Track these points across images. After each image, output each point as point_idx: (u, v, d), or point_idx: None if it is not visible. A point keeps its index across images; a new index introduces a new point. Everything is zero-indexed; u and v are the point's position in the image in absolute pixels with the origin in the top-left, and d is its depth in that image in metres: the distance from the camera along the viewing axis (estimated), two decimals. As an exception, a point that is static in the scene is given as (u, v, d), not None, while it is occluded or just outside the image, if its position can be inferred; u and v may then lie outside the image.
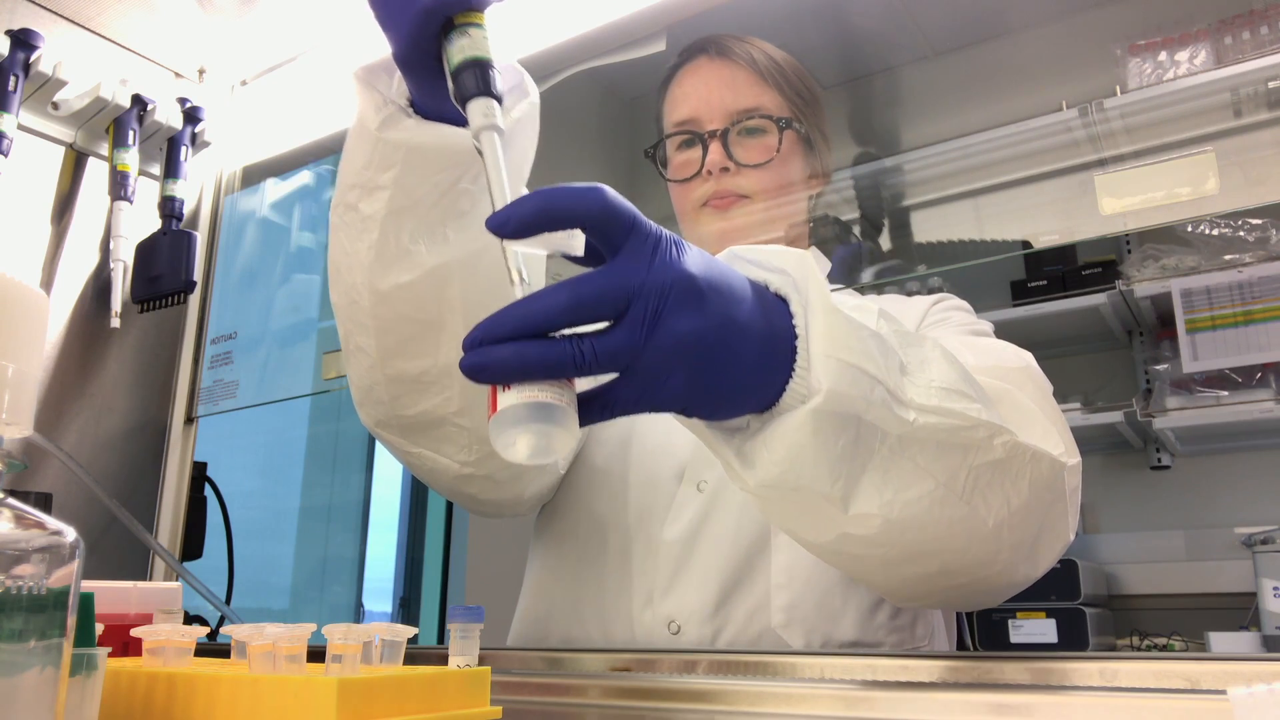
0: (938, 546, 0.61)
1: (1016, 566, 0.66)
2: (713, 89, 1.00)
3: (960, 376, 0.60)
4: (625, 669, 0.74)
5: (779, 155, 0.98)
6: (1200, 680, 0.53)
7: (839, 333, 0.53)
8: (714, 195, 0.98)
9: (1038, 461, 0.63)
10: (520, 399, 0.47)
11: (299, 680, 0.50)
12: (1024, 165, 1.23)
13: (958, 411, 0.57)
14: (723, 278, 0.51)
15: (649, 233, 0.49)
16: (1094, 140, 1.25)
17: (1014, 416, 0.65)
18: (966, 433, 0.58)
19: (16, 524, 0.39)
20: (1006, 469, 0.61)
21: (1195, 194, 0.79)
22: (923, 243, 1.51)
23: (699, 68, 1.03)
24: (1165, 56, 1.58)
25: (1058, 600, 2.19)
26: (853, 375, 0.52)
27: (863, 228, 1.65)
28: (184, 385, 1.40)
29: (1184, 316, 2.22)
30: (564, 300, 0.47)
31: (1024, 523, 0.63)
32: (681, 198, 1.02)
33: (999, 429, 0.60)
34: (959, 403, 0.58)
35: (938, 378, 0.58)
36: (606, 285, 0.48)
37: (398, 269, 0.70)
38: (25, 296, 0.43)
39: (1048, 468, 0.63)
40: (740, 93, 0.99)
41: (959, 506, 0.59)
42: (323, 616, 2.71)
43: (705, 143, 0.98)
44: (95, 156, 1.33)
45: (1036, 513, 0.64)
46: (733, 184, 0.98)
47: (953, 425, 0.57)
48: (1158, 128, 1.19)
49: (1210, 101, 1.19)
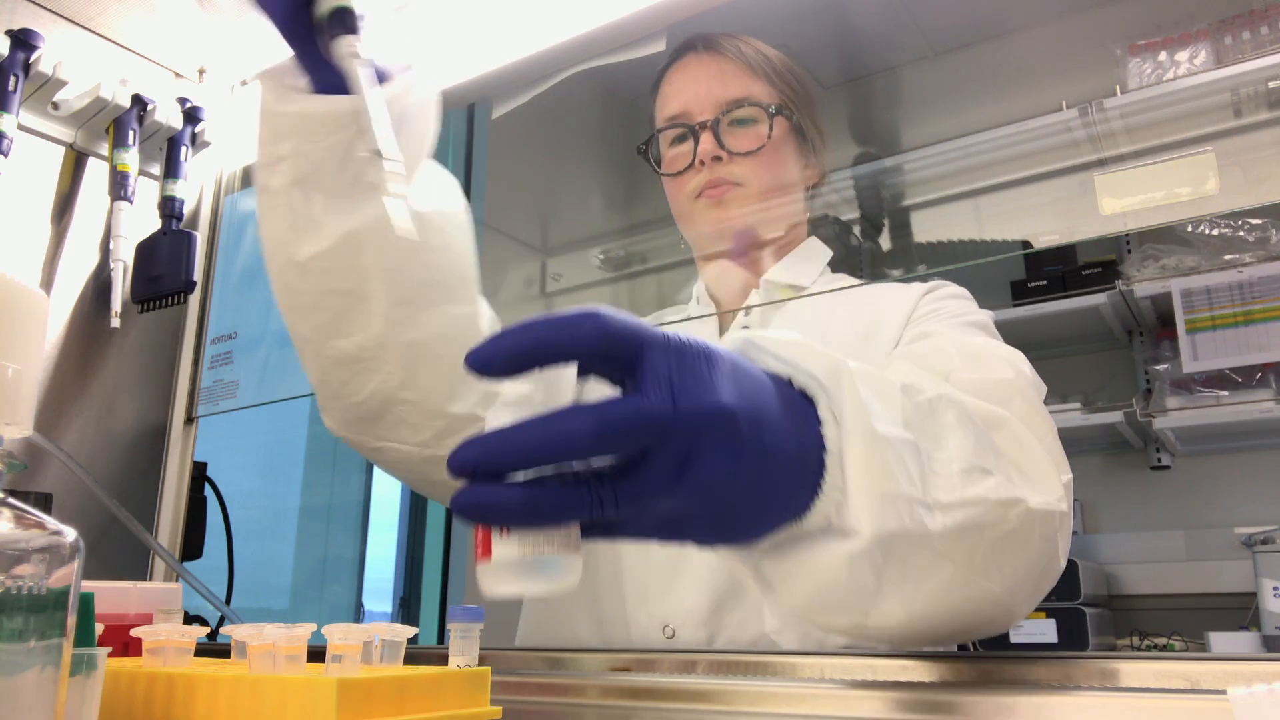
0: (957, 626, 0.59)
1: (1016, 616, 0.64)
2: (701, 82, 1.01)
3: (976, 441, 0.57)
4: (624, 669, 0.74)
5: (770, 142, 0.98)
6: (1200, 680, 0.53)
7: (878, 462, 0.48)
8: (708, 185, 0.98)
9: (1047, 521, 0.61)
10: (522, 552, 0.40)
11: (299, 680, 0.50)
12: (1024, 165, 1.23)
13: (979, 498, 0.55)
14: (753, 399, 0.44)
15: (666, 349, 0.42)
16: (1094, 140, 1.25)
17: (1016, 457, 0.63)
18: (987, 515, 0.55)
19: (16, 524, 0.39)
20: (1021, 537, 0.58)
21: (1195, 194, 0.79)
22: (923, 243, 1.51)
23: (687, 64, 1.04)
24: (1165, 56, 1.58)
25: (1058, 600, 2.19)
26: (893, 507, 0.49)
27: (863, 228, 1.64)
28: (184, 385, 1.40)
29: (1184, 316, 2.21)
30: (588, 431, 0.39)
31: (1027, 578, 0.62)
32: (676, 192, 1.02)
33: (1013, 501, 0.57)
34: (979, 486, 0.55)
35: (956, 455, 0.55)
36: (634, 419, 0.40)
37: (310, 238, 0.74)
38: (25, 296, 0.43)
39: (1051, 523, 0.62)
40: (729, 83, 1.00)
41: (977, 584, 0.56)
42: (323, 616, 2.70)
43: (696, 134, 0.99)
44: (95, 156, 1.33)
45: (1040, 566, 0.63)
46: (726, 172, 0.98)
47: (972, 514, 0.54)
48: (1158, 128, 1.19)
49: (1210, 101, 1.19)
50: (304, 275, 0.76)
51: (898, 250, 1.58)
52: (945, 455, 0.55)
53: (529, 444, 0.40)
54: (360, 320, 0.77)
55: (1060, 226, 1.20)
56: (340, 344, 0.78)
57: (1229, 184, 0.79)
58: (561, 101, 1.20)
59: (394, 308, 0.77)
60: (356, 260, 0.75)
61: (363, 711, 0.49)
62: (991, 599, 0.58)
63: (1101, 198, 0.82)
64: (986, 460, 0.57)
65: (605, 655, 0.77)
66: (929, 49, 1.82)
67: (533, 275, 1.89)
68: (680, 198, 1.01)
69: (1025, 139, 1.26)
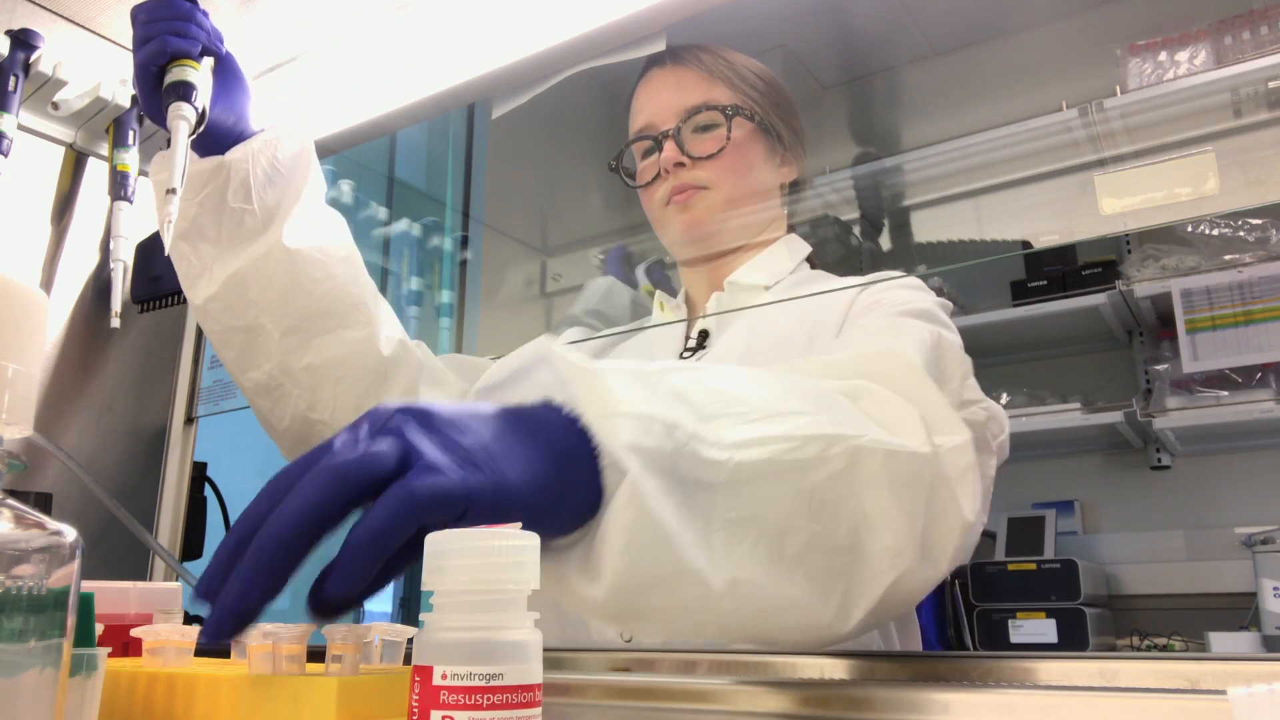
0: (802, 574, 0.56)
1: (912, 571, 0.61)
2: (663, 93, 1.03)
3: (784, 394, 0.57)
4: (625, 669, 0.74)
5: (730, 143, 0.99)
6: (1200, 680, 0.53)
7: (601, 391, 0.49)
8: (674, 191, 1.00)
9: (892, 460, 0.59)
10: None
11: (299, 680, 0.50)
12: (1024, 165, 1.23)
13: (779, 435, 0.54)
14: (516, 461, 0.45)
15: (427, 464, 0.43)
16: (1094, 140, 1.25)
17: (875, 412, 0.62)
18: (796, 452, 0.54)
19: (16, 524, 0.39)
20: (854, 476, 0.57)
21: (1195, 194, 0.79)
22: (923, 243, 1.51)
23: (651, 78, 1.06)
24: (1165, 56, 1.58)
25: (1058, 600, 2.19)
26: (643, 425, 0.48)
27: (863, 228, 1.65)
28: (184, 385, 1.40)
29: (1184, 316, 2.21)
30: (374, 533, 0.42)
31: (890, 525, 0.59)
32: (648, 202, 1.05)
33: (834, 438, 0.56)
34: (781, 425, 0.55)
35: (757, 405, 0.55)
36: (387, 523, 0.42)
37: (203, 284, 0.86)
38: (25, 296, 0.43)
39: (905, 464, 0.59)
40: (688, 91, 1.02)
41: (805, 531, 0.55)
42: (323, 616, 2.70)
43: (660, 144, 1.01)
44: (95, 156, 1.33)
45: (907, 512, 0.60)
46: (690, 177, 1.00)
47: (777, 450, 0.53)
48: (1158, 128, 1.19)
49: (1210, 101, 1.19)
50: (206, 317, 0.87)
51: (898, 250, 1.58)
52: (739, 408, 0.54)
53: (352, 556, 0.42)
54: (262, 351, 0.87)
55: (1060, 226, 1.20)
56: (253, 375, 0.89)
57: (1229, 184, 0.79)
58: (561, 101, 1.20)
59: (285, 336, 0.87)
60: (245, 297, 0.85)
61: (363, 711, 0.49)
62: (840, 544, 0.57)
63: (1101, 198, 0.82)
64: (799, 405, 0.56)
65: (605, 655, 0.77)
66: (929, 49, 1.82)
67: (533, 275, 1.89)
68: (652, 207, 1.04)
69: (1025, 139, 1.26)
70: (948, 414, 0.66)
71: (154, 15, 0.82)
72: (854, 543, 0.58)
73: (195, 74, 0.81)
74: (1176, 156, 0.82)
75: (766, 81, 1.06)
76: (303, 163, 0.88)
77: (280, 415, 0.89)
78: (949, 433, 0.65)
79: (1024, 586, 2.24)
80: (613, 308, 1.27)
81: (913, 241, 1.53)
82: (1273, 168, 0.84)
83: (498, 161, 1.90)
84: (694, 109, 1.01)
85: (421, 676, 0.38)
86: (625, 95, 1.10)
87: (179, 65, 0.81)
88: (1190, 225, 2.19)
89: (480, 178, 1.90)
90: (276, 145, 0.86)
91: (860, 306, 0.91)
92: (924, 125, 1.71)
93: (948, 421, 0.66)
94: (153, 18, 0.82)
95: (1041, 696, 0.53)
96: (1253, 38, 1.50)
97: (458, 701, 0.37)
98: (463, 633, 0.39)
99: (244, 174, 0.84)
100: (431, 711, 0.37)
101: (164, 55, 0.80)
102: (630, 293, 1.30)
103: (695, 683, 0.63)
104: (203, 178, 0.85)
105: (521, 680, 0.38)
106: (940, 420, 0.65)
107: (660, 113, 1.02)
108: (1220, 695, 0.50)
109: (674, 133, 1.00)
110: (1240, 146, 1.01)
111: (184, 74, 0.81)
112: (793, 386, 0.60)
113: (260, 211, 0.85)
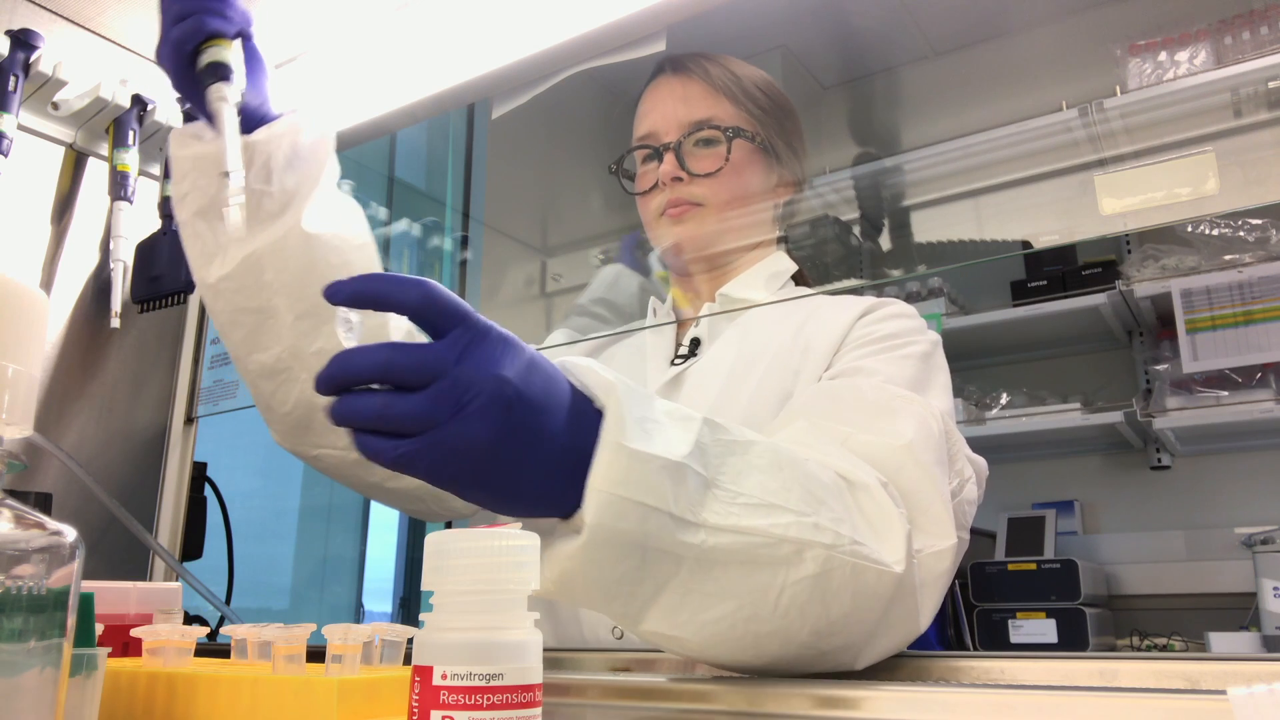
0: (750, 656, 0.62)
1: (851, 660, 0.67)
2: (668, 103, 1.04)
3: (783, 485, 0.61)
4: (625, 669, 0.74)
5: (729, 164, 1.00)
6: (1200, 680, 0.53)
7: (617, 469, 0.53)
8: (669, 204, 1.01)
9: (860, 574, 0.62)
10: None
11: (299, 680, 0.50)
12: (1024, 165, 1.23)
13: (758, 529, 0.58)
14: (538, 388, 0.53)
15: (476, 328, 0.53)
16: (1094, 140, 1.25)
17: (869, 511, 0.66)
18: (769, 550, 0.58)
19: (16, 524, 0.39)
20: (825, 582, 0.60)
21: (1195, 194, 0.79)
22: (923, 243, 1.51)
23: (658, 85, 1.07)
24: (1165, 56, 1.58)
25: (1058, 600, 2.19)
26: (621, 508, 0.53)
27: (863, 228, 1.64)
28: (184, 385, 1.40)
29: (1184, 316, 2.22)
30: (380, 358, 0.51)
31: (846, 629, 0.63)
32: (644, 209, 1.06)
33: (807, 543, 0.59)
34: (763, 518, 0.58)
35: (752, 490, 0.59)
36: (416, 359, 0.51)
37: (217, 262, 0.83)
38: (25, 296, 0.43)
39: (874, 579, 0.63)
40: (693, 105, 1.02)
41: (770, 622, 0.60)
42: (323, 616, 2.70)
43: (660, 155, 1.02)
44: (95, 156, 1.33)
45: (865, 620, 0.64)
46: (686, 193, 1.01)
47: (750, 543, 0.57)
48: (1158, 128, 1.19)
49: (1210, 101, 1.19)
50: (217, 296, 0.85)
51: (898, 250, 1.58)
52: (737, 489, 0.59)
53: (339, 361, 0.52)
54: (272, 334, 0.86)
55: (1060, 226, 1.20)
56: (259, 357, 0.86)
57: (1229, 184, 0.79)
58: (561, 101, 1.20)
59: (298, 320, 0.86)
60: (260, 279, 0.84)
61: (363, 711, 0.49)
62: (798, 641, 0.62)
63: (1101, 198, 0.82)
64: (790, 500, 0.60)
65: (605, 655, 0.77)
66: (929, 49, 1.82)
67: (533, 275, 1.89)
68: (647, 214, 1.05)
69: (1025, 139, 1.26)
70: (943, 516, 0.71)
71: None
72: (813, 642, 0.62)
73: (231, 54, 0.79)
74: (1176, 156, 0.82)
75: (771, 98, 1.07)
76: (322, 149, 0.88)
77: (284, 399, 0.88)
78: (937, 537, 0.70)
79: (1024, 586, 2.24)
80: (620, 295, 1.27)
81: (913, 241, 1.52)
82: (1273, 168, 0.84)
83: (498, 161, 1.90)
84: (696, 124, 1.01)
85: (421, 676, 0.38)
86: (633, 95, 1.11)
87: (215, 45, 0.79)
88: (1190, 225, 2.19)
89: (480, 178, 1.90)
90: (299, 129, 0.85)
91: (859, 336, 0.91)
92: (924, 125, 1.71)
93: (940, 524, 0.70)
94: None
95: (1041, 696, 0.53)
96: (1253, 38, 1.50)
97: (458, 701, 0.37)
98: (463, 633, 0.39)
99: (266, 156, 0.82)
100: (431, 711, 0.37)
101: (200, 34, 0.78)
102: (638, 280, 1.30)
103: (695, 682, 0.63)
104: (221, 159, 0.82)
105: (521, 680, 0.38)
106: (933, 523, 0.70)
107: (663, 123, 1.03)
108: (1220, 695, 0.50)
109: (675, 146, 1.01)
110: (1240, 146, 1.01)
111: (221, 54, 0.79)
112: (799, 477, 0.62)
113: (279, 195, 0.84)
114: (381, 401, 0.51)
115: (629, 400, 0.55)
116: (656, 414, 0.57)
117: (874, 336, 0.90)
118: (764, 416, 0.85)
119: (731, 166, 1.00)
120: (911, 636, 0.69)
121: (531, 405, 0.52)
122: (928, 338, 0.90)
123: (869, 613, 0.64)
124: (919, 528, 0.70)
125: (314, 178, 0.87)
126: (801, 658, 0.64)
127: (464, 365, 0.51)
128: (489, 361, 0.52)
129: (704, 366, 0.98)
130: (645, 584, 0.56)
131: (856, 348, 0.89)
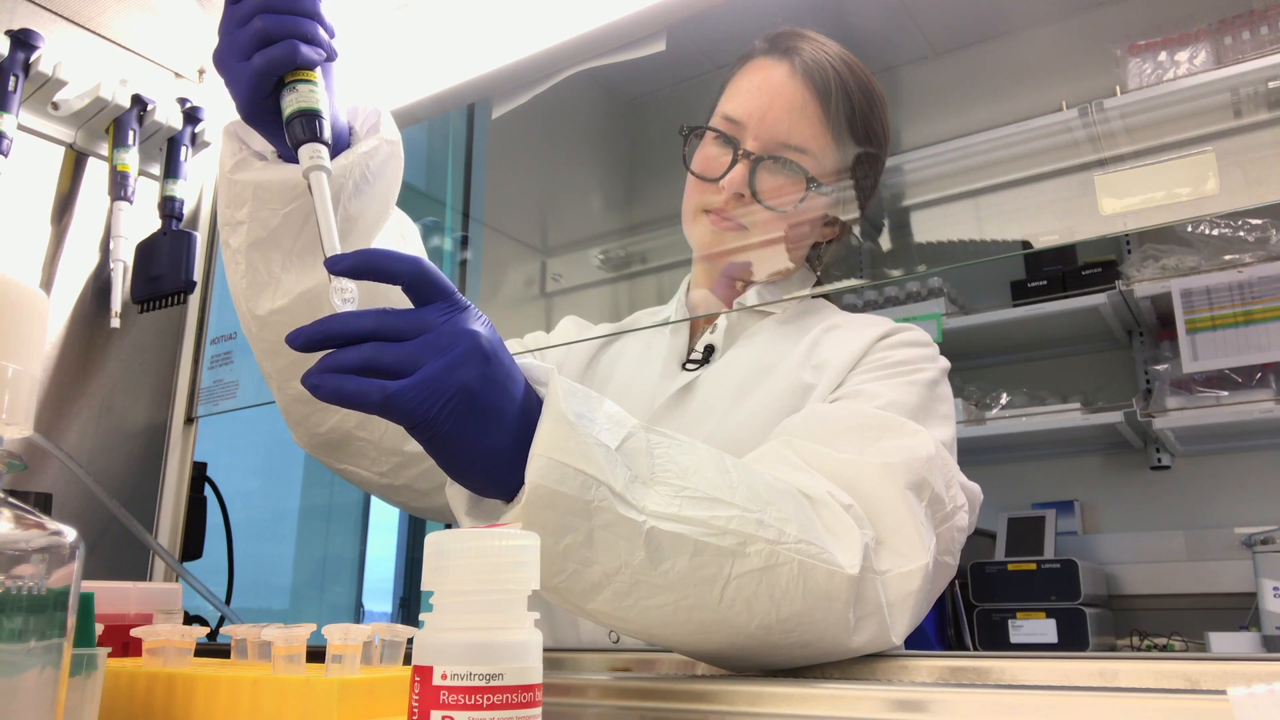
0: (697, 641, 0.64)
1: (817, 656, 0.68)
2: (773, 105, 0.95)
3: (728, 484, 0.62)
4: (625, 669, 0.74)
5: (794, 210, 0.95)
6: (1200, 680, 0.53)
7: (559, 436, 0.56)
8: (718, 211, 0.96)
9: (809, 572, 0.63)
10: None
11: (299, 680, 0.50)
12: (1024, 165, 1.23)
13: (700, 519, 0.60)
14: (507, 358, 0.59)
15: (460, 303, 0.59)
16: (1094, 140, 1.25)
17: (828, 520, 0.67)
18: (713, 540, 0.60)
19: (16, 524, 0.39)
20: (772, 577, 0.62)
21: (1195, 194, 0.79)
22: (923, 243, 1.51)
23: (773, 75, 0.97)
24: (1165, 56, 1.58)
25: (1058, 600, 2.19)
26: (562, 472, 0.56)
27: (863, 228, 1.64)
28: (184, 385, 1.40)
29: (1184, 316, 2.22)
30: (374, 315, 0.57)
31: (800, 627, 0.64)
32: (691, 192, 1.00)
33: (750, 537, 0.61)
34: (705, 510, 0.60)
35: (697, 484, 0.61)
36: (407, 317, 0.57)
37: (269, 295, 0.77)
38: (25, 296, 0.43)
39: (824, 578, 0.64)
40: (795, 126, 0.95)
41: (715, 612, 0.61)
42: (323, 616, 2.71)
43: (736, 158, 0.95)
44: (95, 156, 1.33)
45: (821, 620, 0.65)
46: (740, 210, 0.95)
47: (694, 531, 0.59)
48: (1158, 128, 1.19)
49: (1210, 101, 1.19)
50: (264, 326, 0.78)
51: (898, 250, 1.58)
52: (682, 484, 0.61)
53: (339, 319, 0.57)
54: None
55: (1060, 226, 1.20)
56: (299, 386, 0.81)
57: (1229, 184, 0.79)
58: (561, 101, 1.20)
59: None
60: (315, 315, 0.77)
61: (363, 711, 0.49)
62: (746, 632, 0.63)
63: (1101, 198, 0.82)
64: (737, 497, 0.62)
65: (605, 655, 0.77)
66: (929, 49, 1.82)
67: (533, 275, 1.89)
68: (692, 199, 0.99)
69: (1025, 139, 1.26)
70: (914, 538, 0.71)
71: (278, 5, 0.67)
72: (764, 635, 0.64)
73: (320, 94, 0.68)
74: (1176, 156, 0.82)
75: (875, 140, 1.01)
76: (391, 169, 0.78)
77: (320, 422, 0.84)
78: (907, 557, 0.70)
79: (1024, 586, 2.24)
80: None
81: (913, 241, 1.53)
82: (1273, 168, 0.84)
83: (498, 161, 1.90)
84: (788, 148, 0.94)
85: (421, 676, 0.38)
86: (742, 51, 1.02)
87: (303, 79, 0.68)
88: (1190, 225, 2.19)
89: (480, 178, 1.90)
90: (371, 155, 0.75)
91: (872, 360, 0.89)
92: (924, 125, 1.71)
93: (910, 545, 0.70)
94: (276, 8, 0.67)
95: (1041, 696, 0.53)
96: (1253, 38, 1.50)
97: (458, 701, 0.37)
98: (463, 633, 0.39)
99: (338, 188, 0.72)
100: (431, 711, 0.37)
101: (290, 65, 0.67)
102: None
103: (695, 683, 0.63)
104: (288, 193, 0.73)
105: (521, 680, 0.38)
106: (904, 543, 0.70)
107: (759, 123, 0.95)
108: (1220, 695, 0.50)
109: (754, 158, 0.94)
110: (1240, 146, 1.01)
111: (312, 97, 0.67)
112: (746, 478, 0.64)
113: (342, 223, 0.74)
114: (371, 348, 0.55)
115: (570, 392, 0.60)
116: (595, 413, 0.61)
117: (885, 362, 0.89)
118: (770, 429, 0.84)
119: (796, 211, 0.95)
120: (885, 646, 0.70)
121: (503, 366, 0.58)
122: (937, 365, 0.89)
123: (824, 613, 0.64)
124: (889, 547, 0.70)
125: (384, 203, 0.79)
126: (758, 650, 0.65)
127: (450, 322, 0.57)
128: (471, 324, 0.57)
129: (717, 373, 0.96)
130: (594, 567, 0.58)
131: (866, 371, 0.88)
